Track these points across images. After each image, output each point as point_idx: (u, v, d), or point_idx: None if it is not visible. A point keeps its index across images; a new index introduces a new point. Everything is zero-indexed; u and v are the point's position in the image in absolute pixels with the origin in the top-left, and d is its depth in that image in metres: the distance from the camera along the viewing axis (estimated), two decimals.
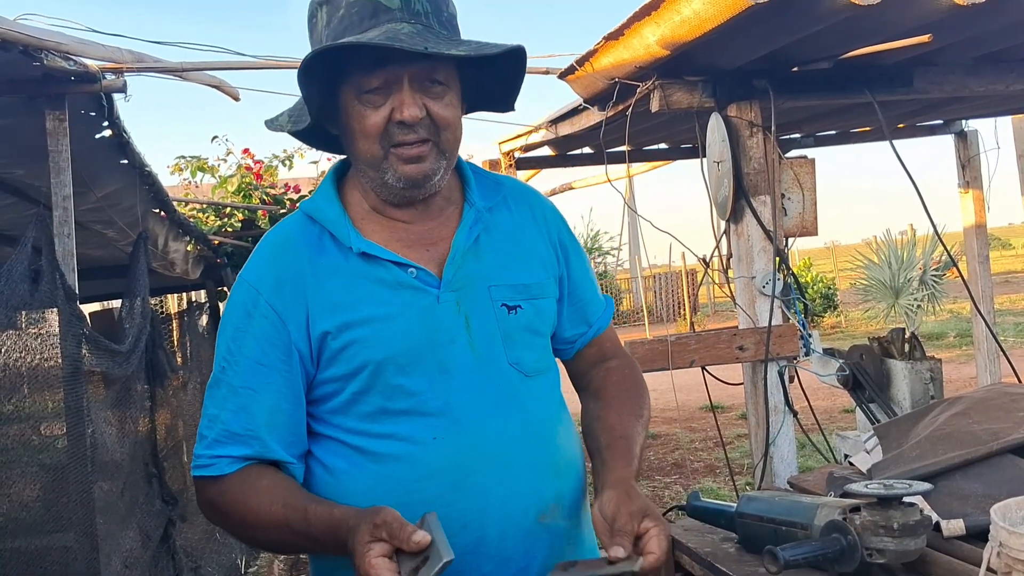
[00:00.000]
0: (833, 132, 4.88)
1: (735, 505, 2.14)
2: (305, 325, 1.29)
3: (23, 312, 2.40)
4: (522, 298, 1.37)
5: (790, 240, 3.07)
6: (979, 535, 1.81)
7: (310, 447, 1.34)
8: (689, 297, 19.72)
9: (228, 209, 6.34)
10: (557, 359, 1.52)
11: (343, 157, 1.41)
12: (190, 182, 6.74)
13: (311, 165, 7.18)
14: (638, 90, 2.86)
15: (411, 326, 1.29)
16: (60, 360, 2.58)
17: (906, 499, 1.75)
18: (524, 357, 1.36)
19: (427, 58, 1.21)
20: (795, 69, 2.93)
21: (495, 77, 1.34)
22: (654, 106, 2.82)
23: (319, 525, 1.21)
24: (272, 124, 1.38)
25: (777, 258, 2.93)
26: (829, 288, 17.06)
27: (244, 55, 3.27)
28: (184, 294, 8.91)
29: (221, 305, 6.64)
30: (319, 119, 1.32)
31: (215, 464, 1.29)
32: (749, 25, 2.36)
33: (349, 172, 1.40)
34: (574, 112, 3.67)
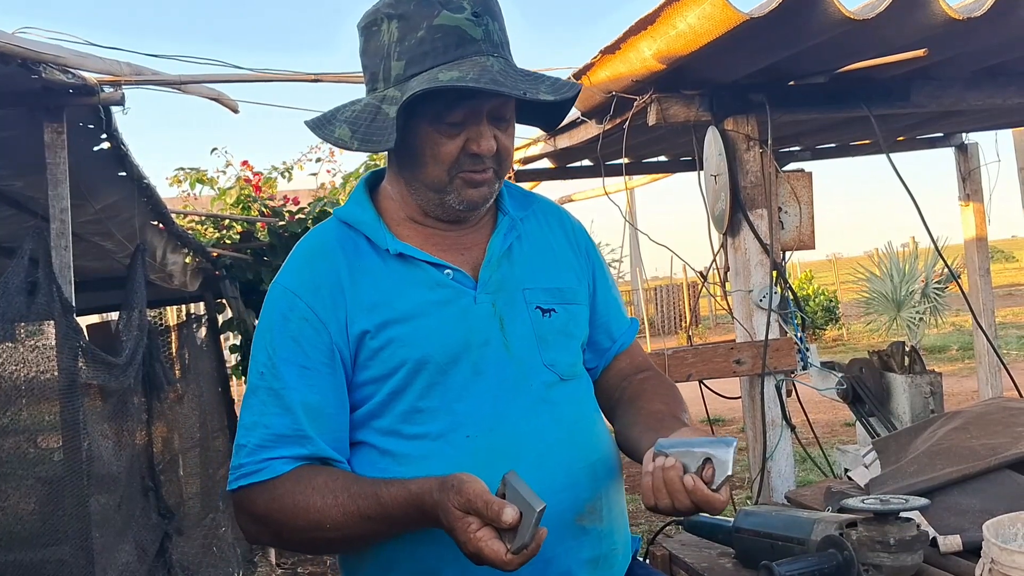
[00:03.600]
0: (833, 145, 4.88)
1: (732, 520, 2.13)
2: (345, 326, 1.29)
3: (21, 324, 2.39)
4: (556, 302, 1.39)
5: (787, 254, 3.07)
6: (976, 551, 1.79)
7: None
8: (690, 310, 19.72)
9: (227, 221, 6.34)
10: None
11: (373, 170, 1.44)
12: (189, 194, 6.75)
13: (311, 177, 7.20)
14: (635, 103, 2.86)
15: (449, 325, 1.30)
16: (56, 373, 2.57)
17: (903, 514, 1.75)
18: (559, 359, 1.37)
19: (508, 96, 1.24)
20: (792, 83, 2.92)
21: (544, 104, 1.35)
22: (651, 120, 2.82)
23: (396, 505, 1.19)
24: (330, 137, 1.30)
25: (774, 272, 2.93)
26: (831, 301, 17.04)
27: (241, 68, 3.28)
28: (184, 306, 8.90)
29: (220, 317, 6.63)
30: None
31: (266, 467, 1.25)
32: (745, 39, 2.36)
33: (382, 183, 1.41)
34: (572, 125, 3.68)
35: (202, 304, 6.81)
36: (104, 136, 3.02)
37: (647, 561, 2.29)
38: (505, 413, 1.29)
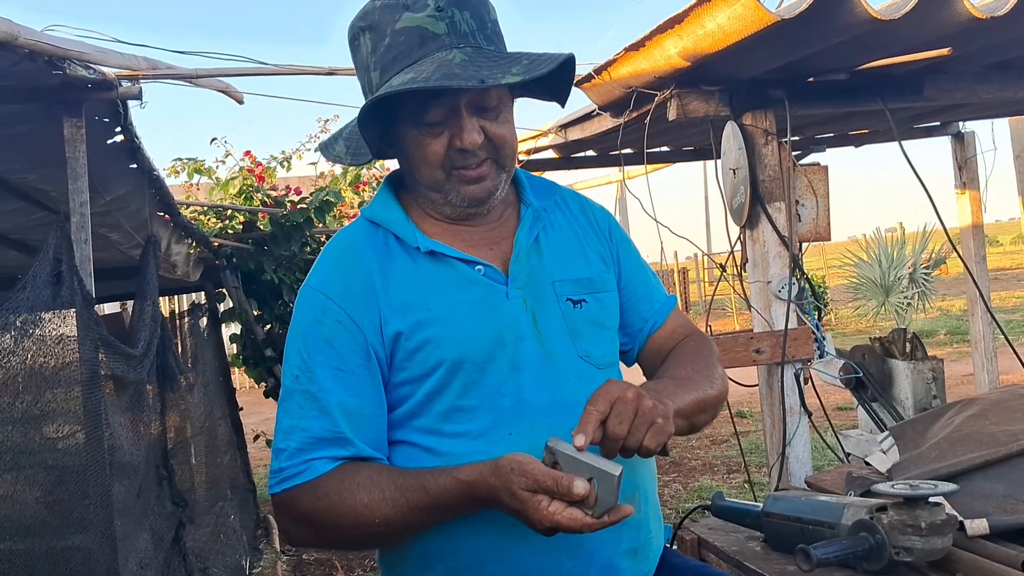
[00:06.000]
0: (833, 135, 4.93)
1: (760, 505, 2.19)
2: (379, 327, 1.28)
3: (21, 317, 2.41)
4: (586, 292, 1.39)
5: (803, 245, 3.12)
6: (1002, 534, 1.87)
7: None
8: (682, 295, 19.86)
9: (229, 211, 6.33)
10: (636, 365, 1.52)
11: (397, 169, 1.42)
12: (190, 184, 6.73)
13: (310, 166, 7.19)
14: (656, 98, 2.90)
15: (483, 323, 1.30)
16: (79, 363, 2.59)
17: (931, 499, 1.81)
18: (593, 350, 1.37)
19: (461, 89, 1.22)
20: (810, 79, 2.97)
21: (545, 77, 1.32)
22: (672, 114, 2.86)
23: (445, 494, 1.19)
24: (330, 155, 1.38)
25: (792, 263, 2.98)
26: (819, 286, 17.19)
27: (263, 62, 3.29)
28: (177, 296, 8.87)
29: (220, 307, 6.63)
30: (378, 150, 1.34)
31: (308, 468, 1.25)
32: (771, 38, 2.39)
33: (405, 180, 1.40)
34: (586, 117, 3.71)
35: (203, 294, 6.82)
36: (118, 129, 3.02)
37: (675, 546, 2.35)
38: (545, 409, 1.29)
